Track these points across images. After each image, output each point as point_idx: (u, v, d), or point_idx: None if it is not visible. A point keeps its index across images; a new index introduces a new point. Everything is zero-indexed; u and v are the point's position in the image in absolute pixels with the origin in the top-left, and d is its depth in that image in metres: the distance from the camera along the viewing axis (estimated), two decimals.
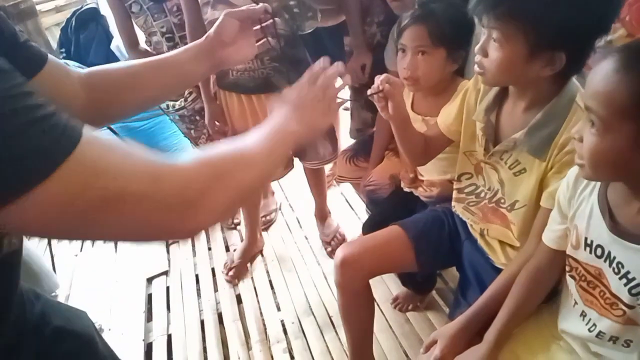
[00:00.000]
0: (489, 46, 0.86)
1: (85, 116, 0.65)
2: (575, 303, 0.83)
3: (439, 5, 1.13)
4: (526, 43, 0.81)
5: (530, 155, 0.92)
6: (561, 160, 0.88)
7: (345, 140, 2.01)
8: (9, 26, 0.59)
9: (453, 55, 1.17)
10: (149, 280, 2.00)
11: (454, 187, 1.17)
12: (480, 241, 1.12)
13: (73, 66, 0.74)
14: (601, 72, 0.65)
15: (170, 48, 1.78)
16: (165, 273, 2.03)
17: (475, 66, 0.90)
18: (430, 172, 1.34)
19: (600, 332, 0.77)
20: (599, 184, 0.77)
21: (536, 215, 0.95)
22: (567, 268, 0.83)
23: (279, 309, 1.76)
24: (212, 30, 0.82)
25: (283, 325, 1.69)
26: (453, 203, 1.19)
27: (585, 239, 0.77)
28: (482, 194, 1.08)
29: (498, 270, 1.03)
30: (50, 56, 0.66)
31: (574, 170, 0.81)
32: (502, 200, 1.03)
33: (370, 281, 1.22)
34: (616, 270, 0.72)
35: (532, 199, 0.95)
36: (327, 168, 2.18)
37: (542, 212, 0.93)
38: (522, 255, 0.96)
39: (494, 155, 1.00)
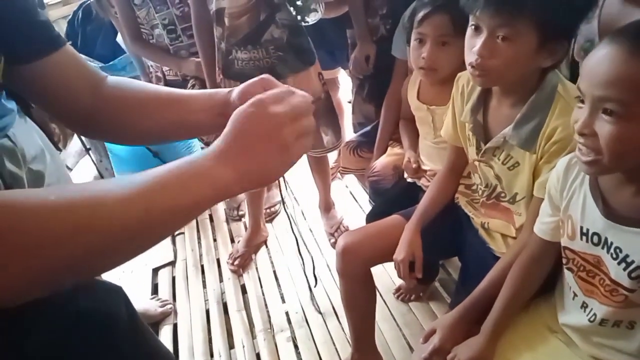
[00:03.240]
0: (494, 46, 0.84)
1: (85, 122, 0.66)
2: (575, 295, 0.83)
3: None
4: (537, 36, 0.81)
5: (520, 148, 0.93)
6: (550, 150, 0.89)
7: (349, 129, 2.02)
8: (27, 1, 0.58)
9: None
10: (155, 271, 2.02)
11: (461, 181, 1.18)
12: (481, 231, 1.12)
13: (98, 68, 0.69)
14: (614, 58, 0.63)
15: (172, 40, 1.79)
16: (171, 264, 2.05)
17: (471, 69, 0.88)
18: (434, 161, 1.35)
19: (603, 319, 0.77)
20: None
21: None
22: (564, 260, 0.83)
23: (282, 299, 1.78)
24: (235, 94, 0.63)
25: (287, 314, 1.70)
26: (457, 195, 1.19)
27: (581, 228, 0.77)
28: (479, 192, 1.09)
29: (497, 258, 1.03)
30: (68, 47, 0.63)
31: (563, 162, 0.81)
32: (503, 194, 1.03)
33: (373, 271, 1.23)
34: (614, 255, 0.72)
35: (529, 191, 0.96)
36: (332, 160, 2.19)
37: (535, 202, 0.93)
38: (517, 245, 0.96)
39: (486, 152, 1.00)
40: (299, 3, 1.53)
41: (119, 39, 2.19)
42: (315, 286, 1.65)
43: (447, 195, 1.18)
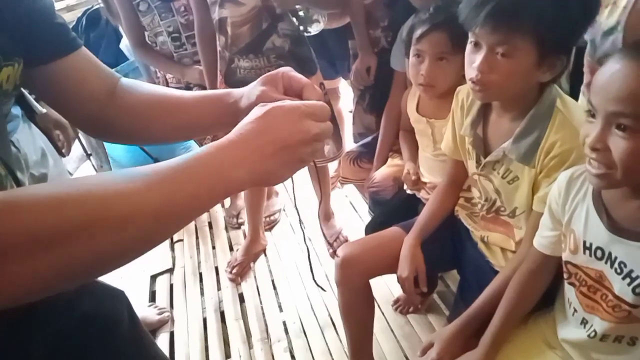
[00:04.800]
0: (494, 61, 0.84)
1: (95, 123, 0.66)
2: (575, 311, 0.82)
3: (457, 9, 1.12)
4: (535, 52, 0.82)
5: (519, 163, 0.93)
6: (549, 165, 0.89)
7: (349, 139, 2.02)
8: (46, 3, 0.59)
9: None
10: (153, 278, 2.02)
11: (461, 194, 1.18)
12: (480, 245, 1.12)
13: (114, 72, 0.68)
14: (629, 73, 0.63)
15: (176, 48, 1.80)
16: (169, 271, 2.05)
17: (472, 84, 0.89)
18: (433, 174, 1.35)
19: (604, 335, 0.77)
20: (591, 186, 0.76)
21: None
22: (566, 275, 0.83)
23: (280, 309, 1.77)
24: (244, 100, 0.62)
25: (284, 324, 1.70)
26: (457, 208, 1.20)
27: (584, 242, 0.77)
28: (479, 206, 1.10)
29: (497, 272, 1.03)
30: (84, 49, 0.64)
31: (564, 177, 0.81)
32: (503, 208, 1.04)
33: (372, 282, 1.23)
34: (618, 270, 0.72)
35: (529, 205, 0.96)
36: (332, 170, 2.19)
37: (534, 216, 0.93)
38: (517, 258, 0.96)
39: (486, 166, 1.01)
40: (301, 14, 1.55)
41: (122, 45, 2.21)
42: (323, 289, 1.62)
43: (447, 209, 1.18)
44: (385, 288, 1.71)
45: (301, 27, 1.57)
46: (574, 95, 1.00)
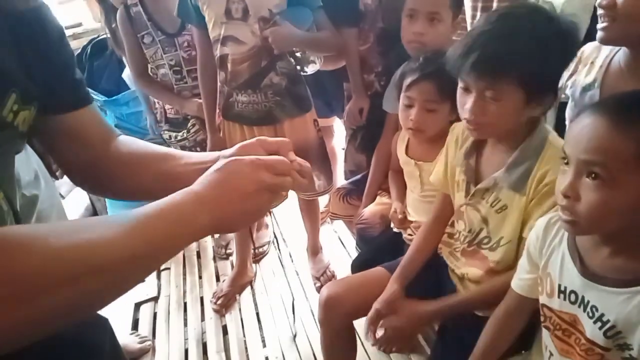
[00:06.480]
0: (484, 104, 0.89)
1: (83, 173, 0.68)
2: (551, 354, 0.84)
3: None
4: (523, 93, 0.87)
5: (510, 191, 0.96)
6: (541, 192, 0.92)
7: (341, 175, 2.06)
8: (67, 54, 0.62)
9: (456, 107, 1.22)
10: (137, 305, 2.00)
11: (446, 230, 1.20)
12: (459, 286, 1.13)
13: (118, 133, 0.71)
14: (598, 127, 0.66)
15: (177, 80, 1.86)
16: (154, 299, 2.04)
17: (466, 123, 0.94)
18: (420, 214, 1.38)
19: None
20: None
21: (519, 249, 0.98)
22: (542, 318, 0.85)
23: (264, 343, 1.75)
24: (228, 152, 0.64)
25: (267, 359, 1.68)
26: (440, 245, 1.21)
27: (559, 285, 0.79)
28: (462, 238, 1.12)
29: (475, 315, 1.05)
30: (93, 108, 0.66)
31: (542, 222, 0.84)
32: (486, 240, 1.05)
33: (356, 319, 1.23)
34: (590, 314, 0.74)
35: (515, 234, 0.98)
36: (322, 205, 2.22)
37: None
38: (492, 283, 1.01)
39: (475, 195, 1.03)
40: (298, 54, 1.62)
41: (125, 75, 2.27)
42: (295, 335, 1.64)
43: (431, 246, 1.19)
44: None
45: (298, 67, 1.63)
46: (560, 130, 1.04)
